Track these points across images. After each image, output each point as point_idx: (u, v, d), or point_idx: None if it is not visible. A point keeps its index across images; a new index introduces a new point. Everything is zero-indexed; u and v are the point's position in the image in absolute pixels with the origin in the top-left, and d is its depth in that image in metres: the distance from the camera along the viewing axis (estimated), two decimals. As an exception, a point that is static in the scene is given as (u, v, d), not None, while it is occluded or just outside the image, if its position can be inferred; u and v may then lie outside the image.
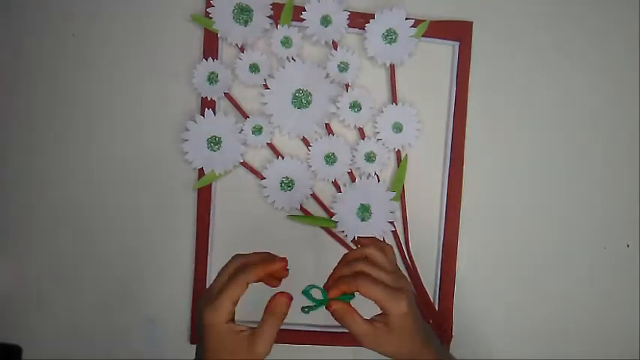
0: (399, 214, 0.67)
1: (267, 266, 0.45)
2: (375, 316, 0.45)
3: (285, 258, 0.46)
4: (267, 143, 0.65)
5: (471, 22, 0.67)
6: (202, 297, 0.44)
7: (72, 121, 0.65)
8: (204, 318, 0.42)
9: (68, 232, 0.65)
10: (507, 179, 0.70)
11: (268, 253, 0.47)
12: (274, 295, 0.44)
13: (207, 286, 0.45)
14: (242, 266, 0.45)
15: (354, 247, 0.67)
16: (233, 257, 0.47)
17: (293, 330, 0.66)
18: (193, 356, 0.66)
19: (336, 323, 0.46)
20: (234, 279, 0.43)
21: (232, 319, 0.43)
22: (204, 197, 0.65)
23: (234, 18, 0.63)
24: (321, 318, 0.67)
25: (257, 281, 0.44)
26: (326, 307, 0.45)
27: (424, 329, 0.46)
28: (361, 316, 0.44)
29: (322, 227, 0.67)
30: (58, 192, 0.65)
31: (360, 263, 0.46)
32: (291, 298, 0.44)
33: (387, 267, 0.46)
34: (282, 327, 0.52)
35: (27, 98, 0.65)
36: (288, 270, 0.46)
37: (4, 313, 0.65)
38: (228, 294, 0.42)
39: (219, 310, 0.42)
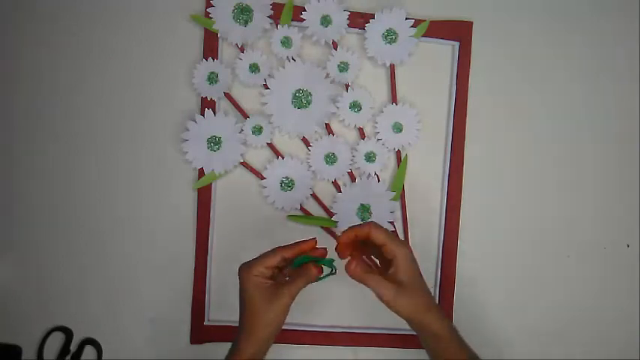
0: (399, 214, 0.67)
1: (300, 245, 0.52)
2: (387, 275, 0.51)
3: (314, 238, 0.53)
4: (267, 143, 0.65)
5: (471, 22, 0.67)
6: (241, 265, 0.52)
7: (72, 121, 0.65)
8: (240, 274, 0.51)
9: (68, 233, 0.65)
10: (507, 179, 0.70)
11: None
12: (310, 263, 0.52)
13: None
14: (280, 246, 0.53)
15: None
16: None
17: (293, 330, 0.66)
18: (193, 356, 0.66)
19: (337, 323, 0.46)
20: (272, 250, 0.52)
21: (263, 278, 0.51)
22: (204, 197, 0.65)
23: (234, 18, 0.63)
24: (322, 318, 0.67)
25: (292, 256, 0.52)
26: (345, 267, 0.50)
27: (429, 292, 0.53)
28: (378, 273, 0.51)
29: (322, 227, 0.67)
30: (58, 192, 0.65)
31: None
32: (321, 272, 0.52)
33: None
34: (284, 327, 0.52)
35: (27, 98, 0.65)
36: (321, 249, 0.54)
37: (4, 313, 0.65)
38: (262, 258, 0.51)
39: (251, 267, 0.50)
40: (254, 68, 0.64)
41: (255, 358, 0.50)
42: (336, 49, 0.65)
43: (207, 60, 0.64)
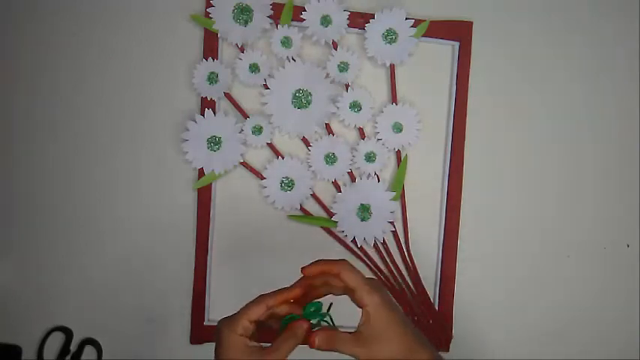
0: (399, 214, 0.67)
1: (284, 293, 0.46)
2: (357, 328, 0.45)
3: (299, 286, 0.47)
4: (267, 143, 0.65)
5: (471, 22, 0.67)
6: (221, 320, 0.45)
7: (72, 121, 0.65)
8: (220, 330, 0.43)
9: (68, 232, 0.65)
10: (507, 179, 0.70)
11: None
12: (296, 321, 0.45)
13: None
14: (263, 294, 0.46)
15: (355, 248, 0.67)
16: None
17: (293, 330, 0.66)
18: (193, 356, 0.66)
19: (336, 323, 0.46)
20: (255, 300, 0.45)
21: (247, 337, 0.44)
22: (204, 197, 0.65)
23: (234, 18, 0.63)
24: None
25: (276, 307, 0.45)
26: (309, 343, 0.44)
27: (412, 330, 0.45)
28: (346, 333, 0.44)
29: (322, 227, 0.67)
30: (58, 192, 0.65)
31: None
32: (310, 328, 0.45)
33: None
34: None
35: (27, 98, 0.65)
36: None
37: (4, 313, 0.65)
38: (246, 311, 0.44)
39: (235, 324, 0.43)
40: (254, 68, 0.64)
41: None
42: (336, 49, 0.65)
43: (207, 60, 0.64)
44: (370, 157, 0.66)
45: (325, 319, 0.46)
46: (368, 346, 0.43)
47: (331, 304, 0.47)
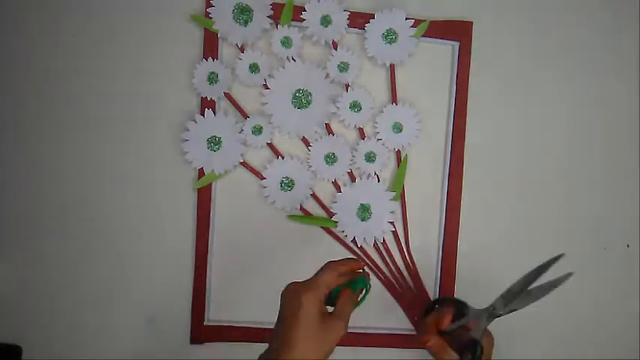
0: (399, 214, 0.67)
1: (351, 262, 0.51)
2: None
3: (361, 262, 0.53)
4: (267, 143, 0.65)
5: (471, 22, 0.67)
6: (291, 286, 0.47)
7: (71, 121, 0.65)
8: (302, 297, 0.45)
9: (68, 232, 0.65)
10: (507, 179, 0.70)
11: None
12: (347, 289, 0.50)
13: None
14: (330, 261, 0.51)
15: (355, 248, 0.67)
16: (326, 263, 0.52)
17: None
18: (193, 356, 0.66)
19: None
20: (326, 267, 0.50)
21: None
22: (204, 197, 0.65)
23: (234, 18, 0.63)
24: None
25: (344, 274, 0.50)
26: (424, 344, 0.56)
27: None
28: (453, 353, 0.54)
29: (322, 227, 0.67)
30: (58, 192, 0.65)
31: None
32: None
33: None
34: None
35: (27, 98, 0.65)
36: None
37: (4, 313, 0.65)
38: (324, 280, 0.48)
39: (319, 292, 0.47)
40: (254, 68, 0.64)
41: None
42: (336, 49, 0.65)
43: (207, 60, 0.64)
44: (370, 157, 0.66)
45: (368, 287, 0.51)
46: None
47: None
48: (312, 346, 0.44)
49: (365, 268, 0.52)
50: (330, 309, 0.48)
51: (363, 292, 0.51)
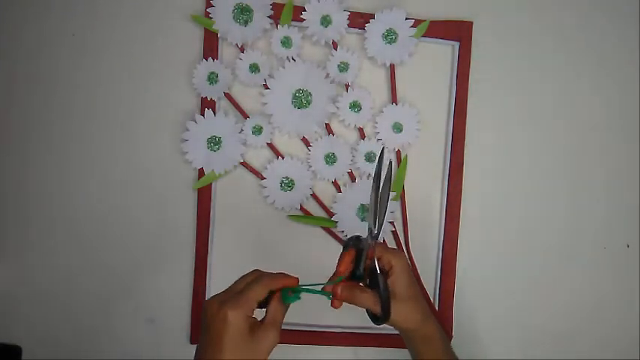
0: (399, 214, 0.67)
1: (285, 278, 0.47)
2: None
3: (297, 278, 0.48)
4: (267, 143, 0.65)
5: (471, 22, 0.67)
6: (215, 299, 0.44)
7: (71, 121, 0.65)
8: (228, 314, 0.42)
9: (68, 233, 0.65)
10: (507, 179, 0.70)
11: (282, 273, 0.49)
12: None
13: (225, 290, 0.47)
14: (262, 275, 0.47)
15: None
16: (252, 271, 0.48)
17: (293, 330, 0.66)
18: (193, 356, 0.66)
19: (337, 323, 0.46)
20: (259, 281, 0.45)
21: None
22: (204, 197, 0.65)
23: (234, 18, 0.63)
24: (321, 318, 0.67)
25: (274, 291, 0.46)
26: (333, 294, 0.47)
27: (424, 300, 0.51)
28: (366, 289, 0.48)
29: (322, 227, 0.67)
30: (58, 192, 0.65)
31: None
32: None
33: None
34: (283, 327, 0.52)
35: (27, 98, 0.65)
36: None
37: (4, 313, 0.65)
38: (253, 293, 0.44)
39: (246, 308, 0.43)
40: (254, 68, 0.64)
41: None
42: (336, 49, 0.65)
43: (207, 60, 0.64)
44: (370, 157, 0.66)
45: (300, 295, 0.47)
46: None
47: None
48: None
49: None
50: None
51: (293, 295, 0.47)
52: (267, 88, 0.65)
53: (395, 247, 0.51)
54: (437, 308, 0.68)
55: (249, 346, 0.42)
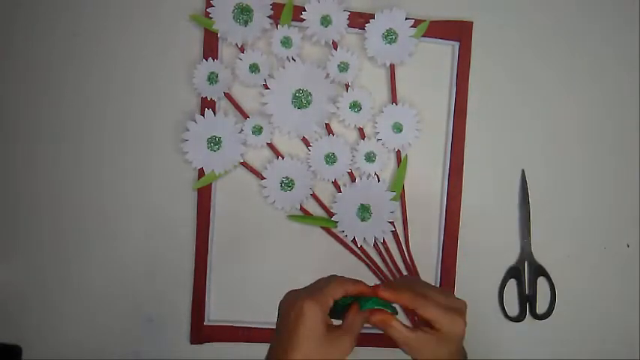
0: (399, 214, 0.67)
1: (363, 285, 0.45)
2: (423, 326, 0.46)
3: (378, 286, 0.46)
4: (267, 143, 0.65)
5: (471, 22, 0.67)
6: (293, 292, 0.44)
7: (71, 121, 0.65)
8: (304, 306, 0.41)
9: (68, 232, 0.65)
10: (507, 179, 0.70)
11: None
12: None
13: (294, 290, 0.45)
14: (339, 276, 0.46)
15: (355, 248, 0.67)
16: (330, 275, 0.47)
17: (293, 330, 0.66)
18: (193, 356, 0.66)
19: (336, 323, 0.46)
20: (336, 281, 0.44)
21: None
22: (204, 197, 0.65)
23: (234, 18, 0.63)
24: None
25: (351, 294, 0.45)
26: (370, 320, 0.45)
27: (463, 351, 0.49)
28: (403, 324, 0.45)
29: (322, 227, 0.67)
30: (58, 192, 0.65)
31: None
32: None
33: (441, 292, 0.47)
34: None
35: (26, 98, 0.65)
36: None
37: (4, 313, 0.65)
38: (330, 291, 0.43)
39: (324, 302, 0.42)
40: (254, 68, 0.64)
41: None
42: (336, 49, 0.65)
43: (207, 60, 0.64)
44: (370, 157, 0.66)
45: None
46: (420, 345, 0.44)
47: None
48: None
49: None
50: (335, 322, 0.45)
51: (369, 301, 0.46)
52: (267, 88, 0.65)
53: (459, 305, 0.49)
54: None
55: (324, 347, 0.41)
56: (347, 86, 0.65)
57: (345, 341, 0.42)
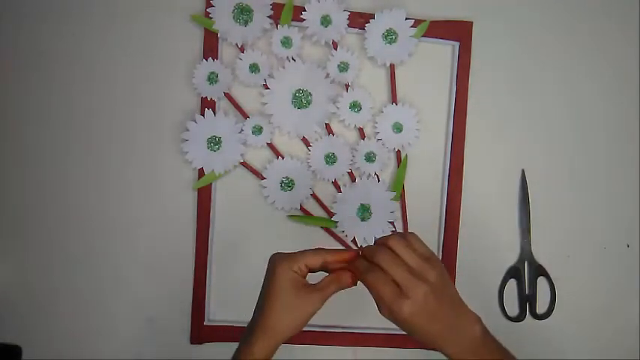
0: (399, 214, 0.67)
1: (343, 253, 0.47)
2: None
3: (357, 251, 0.47)
4: (267, 143, 0.65)
5: (471, 22, 0.67)
6: (273, 256, 0.47)
7: (71, 121, 0.65)
8: (275, 263, 0.46)
9: (68, 233, 0.65)
10: (507, 179, 0.70)
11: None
12: (344, 270, 0.47)
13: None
14: (321, 248, 0.48)
15: (354, 247, 0.67)
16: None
17: (293, 330, 0.66)
18: (193, 356, 0.66)
19: (337, 323, 0.46)
20: (314, 250, 0.47)
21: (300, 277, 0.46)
22: (204, 197, 0.65)
23: (234, 18, 0.63)
24: (321, 318, 0.67)
25: (330, 264, 0.47)
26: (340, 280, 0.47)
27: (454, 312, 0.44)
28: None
29: (322, 227, 0.67)
30: (58, 192, 0.65)
31: (379, 252, 0.44)
32: (355, 283, 0.46)
33: (410, 256, 0.43)
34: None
35: (26, 98, 0.65)
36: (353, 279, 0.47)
37: (4, 313, 0.65)
38: (305, 256, 0.46)
39: (292, 262, 0.45)
40: (254, 68, 0.64)
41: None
42: (336, 49, 0.65)
43: (207, 60, 0.64)
44: (370, 157, 0.66)
45: None
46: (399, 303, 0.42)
47: None
48: (283, 313, 0.45)
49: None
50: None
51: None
52: (267, 88, 0.65)
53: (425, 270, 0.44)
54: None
55: (293, 302, 0.45)
56: (347, 86, 0.65)
57: (314, 298, 0.45)
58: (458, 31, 0.67)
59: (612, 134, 0.71)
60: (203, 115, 0.64)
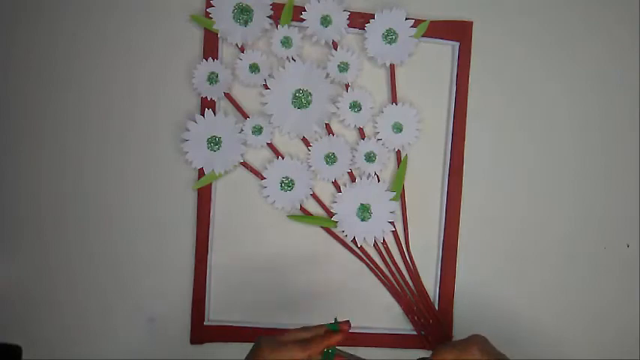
0: (399, 214, 0.67)
1: (329, 339, 0.51)
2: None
3: (348, 321, 0.53)
4: (267, 143, 0.65)
5: (471, 22, 0.67)
6: (264, 337, 0.49)
7: (71, 121, 0.65)
8: (264, 352, 0.48)
9: (68, 232, 0.65)
10: (507, 179, 0.70)
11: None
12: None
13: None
14: (310, 340, 0.50)
15: (355, 248, 0.67)
16: (310, 328, 0.52)
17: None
18: (193, 356, 0.66)
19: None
20: (302, 344, 0.49)
21: None
22: (204, 197, 0.65)
23: (234, 18, 0.63)
24: (322, 318, 0.67)
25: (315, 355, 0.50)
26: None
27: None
28: None
29: (322, 227, 0.67)
30: (58, 192, 0.65)
31: None
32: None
33: None
34: (283, 327, 0.52)
35: (26, 98, 0.65)
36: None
37: (4, 313, 0.65)
38: (292, 350, 0.48)
39: (277, 354, 0.48)
40: (254, 68, 0.64)
41: None
42: (336, 49, 0.65)
43: (207, 60, 0.64)
44: (370, 157, 0.66)
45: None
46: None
47: (335, 319, 0.53)
48: None
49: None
50: None
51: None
52: (267, 88, 0.65)
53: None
54: (437, 308, 0.68)
55: None
56: (347, 86, 0.65)
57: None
58: (458, 31, 0.67)
59: (612, 134, 0.71)
60: (203, 115, 0.64)
